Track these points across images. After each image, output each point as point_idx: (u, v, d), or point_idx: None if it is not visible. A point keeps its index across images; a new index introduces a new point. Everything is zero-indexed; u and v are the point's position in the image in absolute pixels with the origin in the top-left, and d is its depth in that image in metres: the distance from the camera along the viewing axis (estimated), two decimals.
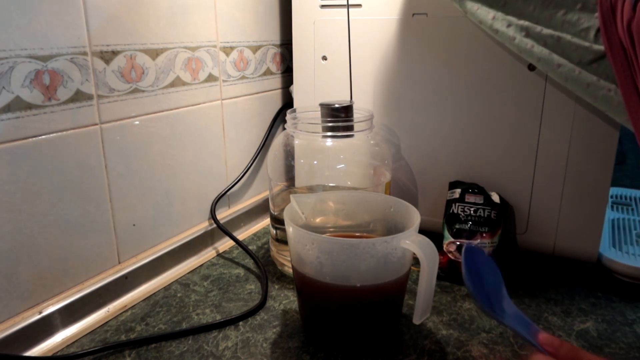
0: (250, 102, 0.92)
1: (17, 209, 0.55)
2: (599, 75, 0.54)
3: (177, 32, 0.73)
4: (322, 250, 0.53)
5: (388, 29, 0.79)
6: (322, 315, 0.57)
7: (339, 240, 0.53)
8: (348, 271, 0.53)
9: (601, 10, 0.51)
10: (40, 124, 0.56)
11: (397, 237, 0.52)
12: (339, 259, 0.53)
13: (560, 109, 0.69)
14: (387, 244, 0.52)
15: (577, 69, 0.54)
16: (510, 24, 0.58)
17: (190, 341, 0.59)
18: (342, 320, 0.56)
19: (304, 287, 0.57)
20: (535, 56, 0.57)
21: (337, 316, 0.56)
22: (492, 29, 0.60)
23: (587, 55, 0.53)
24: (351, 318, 0.55)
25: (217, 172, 0.86)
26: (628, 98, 0.50)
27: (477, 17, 0.61)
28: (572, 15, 0.54)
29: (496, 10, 0.59)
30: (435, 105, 0.78)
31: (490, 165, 0.76)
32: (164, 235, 0.76)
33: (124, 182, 0.67)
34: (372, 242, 0.52)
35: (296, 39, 0.89)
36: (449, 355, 0.56)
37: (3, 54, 0.51)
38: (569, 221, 0.72)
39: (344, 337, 0.56)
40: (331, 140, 0.69)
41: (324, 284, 0.54)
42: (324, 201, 0.65)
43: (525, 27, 0.57)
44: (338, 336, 0.57)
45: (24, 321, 0.56)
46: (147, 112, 0.70)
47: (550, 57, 0.56)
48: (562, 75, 0.56)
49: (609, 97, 0.53)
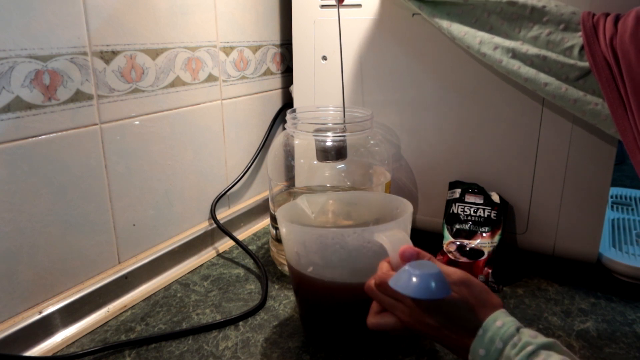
0: (250, 102, 0.92)
1: (17, 209, 0.55)
2: (585, 90, 0.56)
3: (177, 32, 0.73)
4: (297, 241, 0.53)
5: (388, 29, 0.79)
6: (315, 311, 0.57)
7: (310, 230, 0.52)
8: (324, 263, 0.52)
9: (584, 29, 0.54)
10: (40, 124, 0.56)
11: (369, 229, 0.50)
12: (312, 249, 0.52)
13: (560, 109, 0.69)
14: (357, 235, 0.51)
15: (563, 86, 0.57)
16: (497, 47, 0.60)
17: (190, 341, 0.59)
18: (332, 316, 0.55)
19: (298, 284, 0.57)
20: (522, 77, 0.59)
21: (327, 313, 0.56)
22: (479, 53, 0.62)
23: (573, 72, 0.56)
24: (339, 314, 0.55)
25: (217, 172, 0.86)
26: (615, 111, 0.53)
27: (464, 43, 0.63)
28: (556, 35, 0.56)
29: (483, 32, 0.61)
30: (435, 105, 0.78)
31: (490, 165, 0.76)
32: (164, 235, 0.76)
33: (124, 182, 0.67)
34: (341, 233, 0.52)
35: (296, 39, 0.89)
36: (449, 355, 0.56)
37: (3, 54, 0.51)
38: (569, 221, 0.72)
39: (335, 333, 0.56)
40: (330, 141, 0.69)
41: (311, 279, 0.53)
42: (333, 201, 0.65)
43: (511, 48, 0.59)
44: (330, 332, 0.57)
45: (24, 321, 0.56)
46: (147, 112, 0.70)
47: (537, 76, 0.58)
48: (550, 93, 0.58)
49: (597, 110, 0.56)
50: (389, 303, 0.45)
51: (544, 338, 0.39)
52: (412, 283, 0.41)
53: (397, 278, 0.42)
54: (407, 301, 0.43)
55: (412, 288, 0.41)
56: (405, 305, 0.44)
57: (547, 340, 0.39)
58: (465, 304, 0.42)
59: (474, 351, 0.40)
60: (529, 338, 0.39)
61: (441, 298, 0.41)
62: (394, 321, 0.45)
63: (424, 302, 0.42)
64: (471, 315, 0.41)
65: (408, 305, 0.43)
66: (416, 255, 0.45)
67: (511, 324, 0.40)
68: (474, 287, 0.43)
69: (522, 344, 0.38)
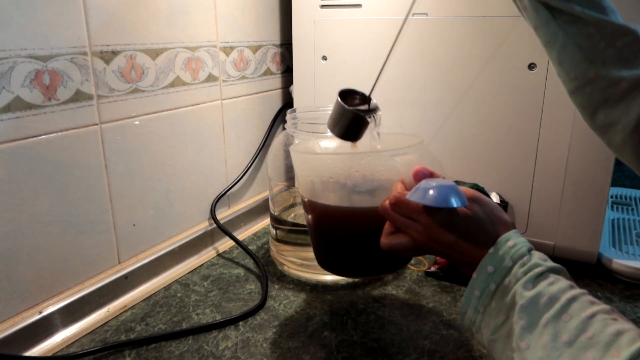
0: (250, 102, 0.92)
1: (17, 209, 0.55)
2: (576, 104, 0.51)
3: (177, 32, 0.72)
4: (311, 170, 0.53)
5: (388, 29, 0.79)
6: (330, 240, 0.56)
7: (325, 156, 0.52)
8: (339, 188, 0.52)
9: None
10: (40, 124, 0.56)
11: (383, 152, 0.50)
12: (326, 176, 0.52)
13: (560, 109, 0.69)
14: (372, 159, 0.51)
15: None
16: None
17: (190, 341, 0.59)
18: (347, 243, 0.55)
19: (313, 214, 0.56)
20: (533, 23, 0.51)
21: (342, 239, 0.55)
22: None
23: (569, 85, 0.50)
24: (355, 239, 0.54)
25: (217, 172, 0.86)
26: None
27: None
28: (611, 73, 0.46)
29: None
30: (436, 105, 0.78)
31: (490, 165, 0.76)
32: (164, 235, 0.76)
33: (124, 182, 0.67)
34: (356, 157, 0.52)
35: (296, 39, 0.89)
36: (449, 355, 0.56)
37: (3, 54, 0.51)
38: (569, 221, 0.72)
39: (350, 258, 0.56)
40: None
41: (326, 206, 0.53)
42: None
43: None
44: (345, 258, 0.56)
45: (24, 321, 0.56)
46: (147, 112, 0.70)
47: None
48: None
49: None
50: (403, 222, 0.45)
51: (554, 263, 0.39)
52: (429, 194, 0.42)
53: (413, 192, 0.43)
54: (422, 218, 0.43)
55: (430, 198, 0.42)
56: (419, 223, 0.44)
57: (556, 265, 0.39)
58: (478, 219, 0.42)
59: (482, 267, 0.40)
60: (539, 260, 0.39)
61: (456, 209, 0.42)
62: (407, 240, 0.45)
63: (439, 215, 0.42)
64: (484, 231, 0.42)
65: (422, 222, 0.43)
66: (429, 175, 0.46)
67: (523, 244, 0.40)
68: (486, 204, 0.43)
69: (531, 264, 0.38)
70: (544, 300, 0.36)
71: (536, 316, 0.36)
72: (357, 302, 0.67)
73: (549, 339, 0.34)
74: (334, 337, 0.59)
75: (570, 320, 0.34)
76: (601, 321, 0.33)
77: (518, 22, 0.69)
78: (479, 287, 0.40)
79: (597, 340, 0.32)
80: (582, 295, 0.36)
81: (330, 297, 0.68)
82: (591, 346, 0.32)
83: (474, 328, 0.42)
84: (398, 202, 0.45)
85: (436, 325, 0.61)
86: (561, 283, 0.37)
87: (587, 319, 0.34)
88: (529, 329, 0.36)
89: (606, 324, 0.33)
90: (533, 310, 0.36)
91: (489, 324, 0.40)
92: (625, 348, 0.31)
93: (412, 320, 0.62)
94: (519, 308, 0.37)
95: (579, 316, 0.34)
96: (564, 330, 0.34)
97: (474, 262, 0.41)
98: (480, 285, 0.40)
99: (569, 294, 0.36)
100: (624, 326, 0.33)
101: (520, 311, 0.37)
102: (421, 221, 0.43)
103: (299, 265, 0.73)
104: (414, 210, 0.44)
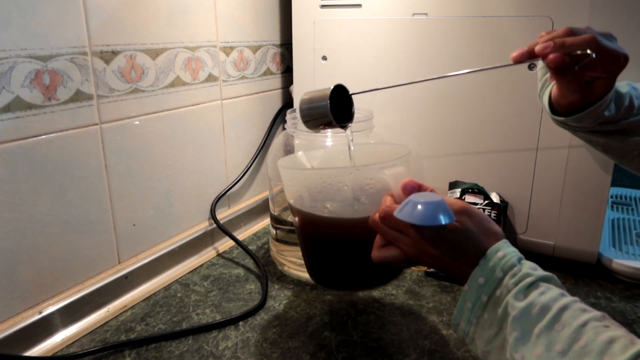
0: (250, 102, 0.92)
1: (17, 209, 0.55)
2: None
3: (177, 32, 0.72)
4: (300, 185, 0.53)
5: (388, 29, 0.79)
6: (320, 251, 0.56)
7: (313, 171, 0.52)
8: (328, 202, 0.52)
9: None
10: (40, 124, 0.56)
11: (371, 166, 0.50)
12: (315, 190, 0.52)
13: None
14: (360, 172, 0.51)
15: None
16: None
17: (190, 341, 0.59)
18: (337, 254, 0.55)
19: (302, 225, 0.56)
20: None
21: (333, 251, 0.55)
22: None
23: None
24: (345, 251, 0.54)
25: (217, 172, 0.86)
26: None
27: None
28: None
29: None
30: (435, 105, 0.78)
31: (490, 165, 0.76)
32: (164, 235, 0.76)
33: (124, 182, 0.67)
34: (344, 171, 0.52)
35: (296, 39, 0.89)
36: (449, 355, 0.56)
37: (3, 54, 0.51)
38: (569, 221, 0.72)
39: (340, 270, 0.56)
40: (331, 140, 0.69)
41: (316, 217, 0.53)
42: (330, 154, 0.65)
43: None
44: (336, 270, 0.56)
45: (24, 321, 0.56)
46: (147, 112, 0.70)
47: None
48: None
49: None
50: (393, 235, 0.45)
51: (544, 271, 0.39)
52: (416, 211, 0.41)
53: (401, 208, 0.43)
54: (411, 232, 0.43)
55: (416, 216, 0.41)
56: (409, 236, 0.44)
57: (546, 273, 0.39)
58: (467, 232, 0.42)
59: (472, 279, 0.40)
60: (529, 270, 0.39)
61: (445, 225, 0.41)
62: (397, 253, 0.45)
63: (428, 230, 0.42)
64: (474, 243, 0.42)
65: (412, 236, 0.43)
66: (418, 188, 0.46)
67: (513, 254, 0.40)
68: (475, 216, 0.43)
69: (522, 274, 0.38)
70: (536, 310, 0.36)
71: (529, 327, 0.36)
72: (357, 302, 0.67)
73: (542, 349, 0.35)
74: (334, 337, 0.59)
75: (563, 330, 0.34)
76: (593, 329, 0.34)
77: (518, 22, 0.69)
78: (470, 298, 0.41)
79: (590, 348, 0.33)
80: (574, 302, 0.36)
81: (330, 297, 0.68)
82: (585, 355, 0.33)
83: (468, 339, 0.42)
84: (387, 216, 0.45)
85: (436, 325, 0.61)
86: (552, 292, 0.37)
87: (579, 327, 0.34)
88: (522, 340, 0.36)
89: (598, 332, 0.33)
90: (525, 320, 0.36)
91: (482, 335, 0.40)
92: (619, 355, 0.31)
93: (412, 320, 0.62)
94: (512, 319, 0.37)
95: (571, 325, 0.34)
96: (557, 339, 0.34)
97: (465, 274, 0.41)
98: (472, 297, 0.40)
99: (560, 302, 0.36)
100: (616, 333, 0.33)
101: (513, 322, 0.37)
102: (410, 235, 0.43)
103: (299, 265, 0.73)
104: (403, 224, 0.44)
